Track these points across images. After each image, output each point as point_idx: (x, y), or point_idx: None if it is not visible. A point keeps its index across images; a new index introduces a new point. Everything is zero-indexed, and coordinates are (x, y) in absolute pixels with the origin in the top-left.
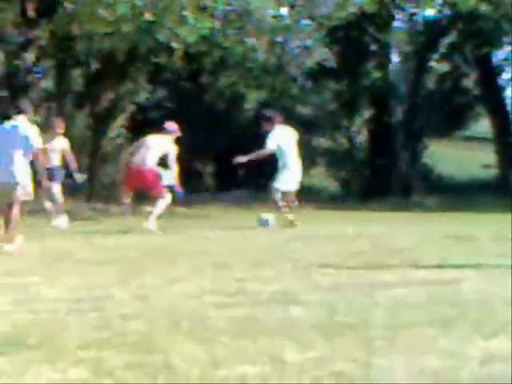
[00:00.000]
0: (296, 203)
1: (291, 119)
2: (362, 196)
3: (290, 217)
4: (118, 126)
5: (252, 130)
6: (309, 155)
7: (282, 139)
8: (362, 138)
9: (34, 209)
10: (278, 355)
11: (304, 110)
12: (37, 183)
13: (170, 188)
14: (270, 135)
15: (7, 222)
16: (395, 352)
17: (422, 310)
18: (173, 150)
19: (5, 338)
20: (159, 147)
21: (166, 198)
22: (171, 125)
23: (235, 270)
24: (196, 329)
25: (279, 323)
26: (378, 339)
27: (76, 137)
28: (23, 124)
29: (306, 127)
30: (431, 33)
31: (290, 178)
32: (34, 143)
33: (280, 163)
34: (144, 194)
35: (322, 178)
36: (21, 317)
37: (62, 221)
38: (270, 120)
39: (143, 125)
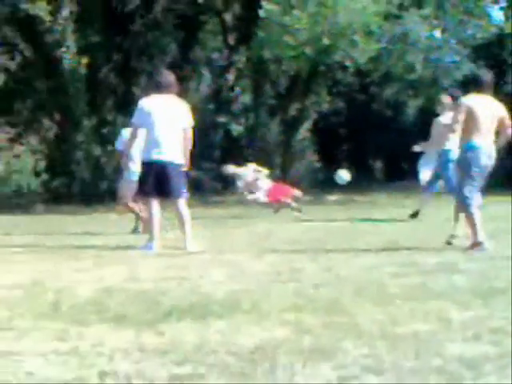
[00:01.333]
0: None
1: None
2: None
3: None
4: (304, 130)
5: (413, 131)
6: None
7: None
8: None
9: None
10: (443, 315)
11: None
12: None
13: None
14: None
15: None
16: None
17: None
18: None
19: (221, 303)
20: None
21: None
22: None
23: (404, 246)
24: (376, 294)
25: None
26: None
27: (270, 140)
28: None
29: None
30: None
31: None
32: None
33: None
34: None
35: None
36: (234, 287)
37: None
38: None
39: (325, 129)
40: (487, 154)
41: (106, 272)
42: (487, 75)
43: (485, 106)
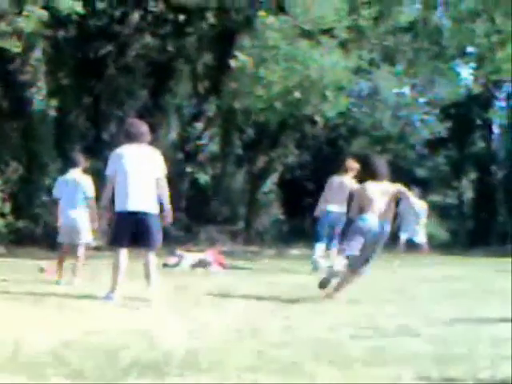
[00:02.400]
0: None
1: (410, 180)
2: (467, 244)
3: None
4: (271, 183)
5: None
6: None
7: None
8: (469, 195)
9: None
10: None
11: (420, 172)
12: None
13: None
14: None
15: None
16: None
17: None
18: None
19: (182, 361)
20: None
21: None
22: None
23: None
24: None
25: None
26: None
27: (236, 191)
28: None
29: (422, 186)
30: None
31: None
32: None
33: None
34: None
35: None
36: (194, 343)
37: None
38: None
39: (291, 182)
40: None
41: (66, 322)
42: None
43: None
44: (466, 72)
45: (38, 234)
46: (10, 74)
